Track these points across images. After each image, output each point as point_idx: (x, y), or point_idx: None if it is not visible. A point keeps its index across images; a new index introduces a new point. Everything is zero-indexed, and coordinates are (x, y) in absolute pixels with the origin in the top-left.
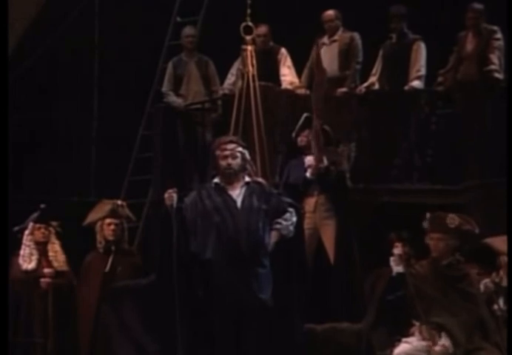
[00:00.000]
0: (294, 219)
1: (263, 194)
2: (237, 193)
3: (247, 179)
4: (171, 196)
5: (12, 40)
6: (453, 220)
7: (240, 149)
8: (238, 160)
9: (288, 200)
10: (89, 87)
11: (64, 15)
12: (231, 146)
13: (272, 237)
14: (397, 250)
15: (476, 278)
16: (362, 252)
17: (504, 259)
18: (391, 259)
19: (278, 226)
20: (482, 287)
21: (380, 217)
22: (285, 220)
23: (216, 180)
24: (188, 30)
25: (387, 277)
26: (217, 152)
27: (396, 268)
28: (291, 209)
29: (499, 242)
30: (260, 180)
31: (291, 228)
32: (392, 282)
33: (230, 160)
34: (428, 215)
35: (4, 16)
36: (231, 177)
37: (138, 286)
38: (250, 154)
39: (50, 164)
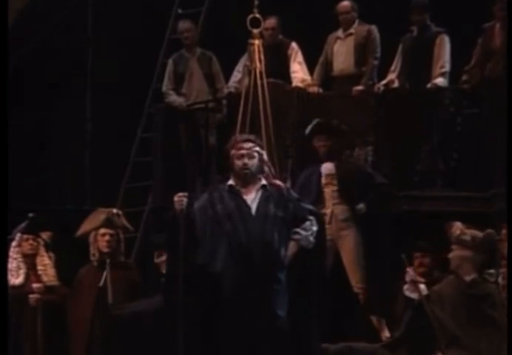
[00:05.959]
0: (315, 228)
1: (281, 200)
2: (252, 197)
3: (264, 182)
4: (181, 200)
5: None
6: (456, 228)
7: (257, 148)
8: (255, 161)
9: (309, 206)
10: (82, 84)
11: (56, 6)
12: (248, 144)
13: (290, 249)
14: (409, 276)
15: (500, 299)
16: (381, 265)
17: None
18: (405, 287)
19: (297, 236)
20: None
21: (400, 227)
22: (305, 229)
23: (230, 182)
24: (182, 24)
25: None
26: (233, 151)
27: (412, 294)
28: (311, 217)
29: None
30: (278, 182)
31: (311, 238)
32: (411, 305)
33: (246, 160)
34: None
35: (4, 14)
36: (247, 178)
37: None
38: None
39: (40, 170)
